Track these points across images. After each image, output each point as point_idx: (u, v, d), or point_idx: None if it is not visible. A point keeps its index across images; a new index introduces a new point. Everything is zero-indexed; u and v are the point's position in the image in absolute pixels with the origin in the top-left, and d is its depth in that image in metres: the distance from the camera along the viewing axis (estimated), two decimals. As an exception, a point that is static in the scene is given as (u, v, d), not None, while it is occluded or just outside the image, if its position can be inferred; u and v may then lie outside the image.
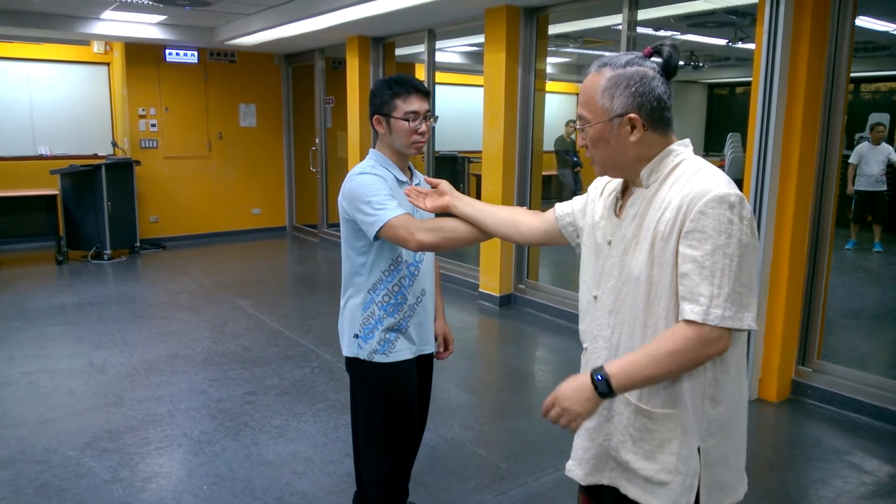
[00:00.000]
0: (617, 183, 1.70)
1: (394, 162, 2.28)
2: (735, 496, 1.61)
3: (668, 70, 1.53)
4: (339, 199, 2.24)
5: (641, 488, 1.59)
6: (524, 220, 1.93)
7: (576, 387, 1.49)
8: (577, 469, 1.72)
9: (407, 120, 2.20)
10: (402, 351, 2.31)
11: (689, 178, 1.49)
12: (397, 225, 2.01)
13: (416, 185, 2.34)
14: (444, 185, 2.05)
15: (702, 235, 1.41)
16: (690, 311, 1.41)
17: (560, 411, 1.49)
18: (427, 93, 2.26)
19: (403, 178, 2.28)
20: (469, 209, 1.96)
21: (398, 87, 2.21)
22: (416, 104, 2.21)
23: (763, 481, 3.35)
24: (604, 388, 1.45)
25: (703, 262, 1.40)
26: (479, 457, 3.54)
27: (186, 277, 7.52)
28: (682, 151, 1.55)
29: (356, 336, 2.29)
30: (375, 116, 2.26)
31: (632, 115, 1.50)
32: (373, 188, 2.11)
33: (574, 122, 2.30)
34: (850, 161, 8.61)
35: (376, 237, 2.09)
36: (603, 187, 1.75)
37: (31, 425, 3.81)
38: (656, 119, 1.52)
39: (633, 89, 1.49)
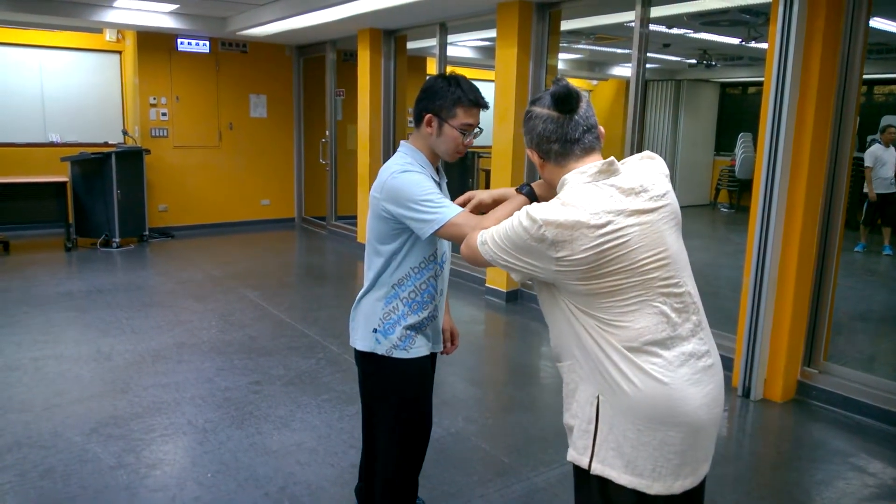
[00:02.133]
0: None
1: (429, 160, 2.21)
2: (633, 478, 1.61)
3: (557, 105, 1.67)
4: (375, 195, 2.16)
5: (568, 437, 1.76)
6: None
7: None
8: None
9: (463, 132, 2.13)
10: (421, 347, 2.28)
11: None
12: (463, 223, 1.96)
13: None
14: (479, 194, 2.09)
15: None
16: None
17: None
18: (487, 107, 2.18)
19: (436, 177, 2.23)
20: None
21: (462, 93, 2.11)
22: (474, 118, 2.14)
23: (766, 481, 3.35)
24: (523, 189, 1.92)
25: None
26: (483, 451, 3.54)
27: (194, 267, 7.55)
28: (570, 181, 1.66)
29: (374, 330, 2.25)
30: (428, 115, 2.14)
31: (529, 150, 1.77)
32: (425, 187, 2.05)
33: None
34: (866, 164, 8.53)
35: (430, 235, 2.04)
36: None
37: (37, 410, 3.84)
38: (545, 152, 1.72)
39: (525, 129, 1.75)
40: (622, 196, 1.60)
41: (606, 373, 1.62)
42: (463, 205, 2.06)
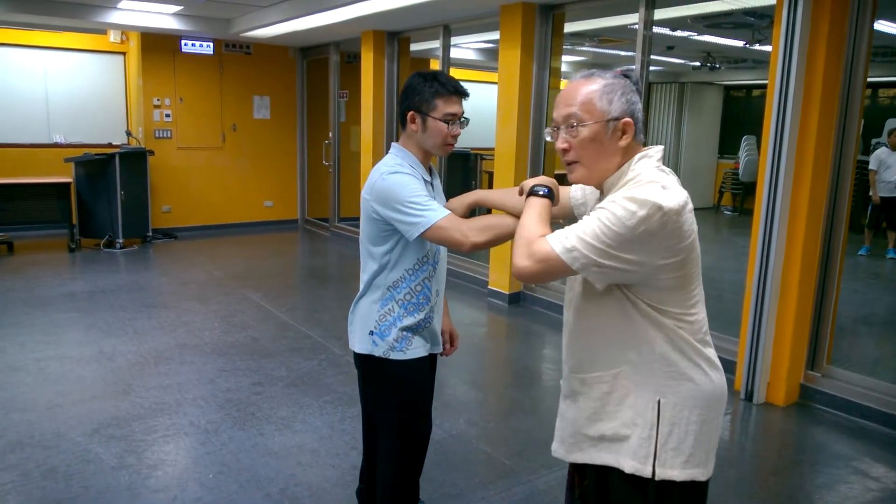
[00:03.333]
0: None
1: (419, 160, 2.22)
2: (693, 470, 1.63)
3: (637, 91, 1.66)
4: (366, 196, 2.17)
5: (607, 450, 1.68)
6: None
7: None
8: (559, 448, 1.82)
9: (446, 122, 2.13)
10: (418, 348, 2.27)
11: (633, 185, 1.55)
12: (448, 226, 1.97)
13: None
14: (451, 206, 2.13)
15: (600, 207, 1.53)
16: (554, 234, 1.56)
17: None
18: (467, 95, 2.19)
19: (427, 177, 2.23)
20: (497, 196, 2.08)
21: (440, 85, 2.13)
22: (455, 106, 2.14)
23: (768, 485, 3.34)
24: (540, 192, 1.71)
25: (586, 218, 1.55)
26: (485, 453, 3.54)
27: (197, 268, 7.56)
28: (640, 166, 1.60)
29: (371, 333, 2.24)
30: (410, 113, 2.16)
31: (627, 119, 1.60)
32: (412, 188, 2.05)
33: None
34: (870, 168, 8.50)
35: (416, 237, 2.04)
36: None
37: (39, 410, 3.84)
38: (639, 128, 1.64)
39: (627, 98, 1.61)
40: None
41: (677, 371, 1.61)
42: None
